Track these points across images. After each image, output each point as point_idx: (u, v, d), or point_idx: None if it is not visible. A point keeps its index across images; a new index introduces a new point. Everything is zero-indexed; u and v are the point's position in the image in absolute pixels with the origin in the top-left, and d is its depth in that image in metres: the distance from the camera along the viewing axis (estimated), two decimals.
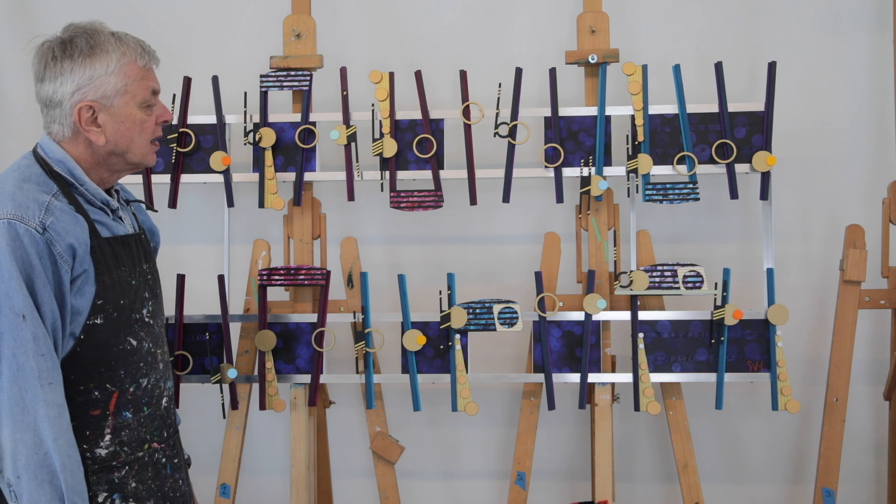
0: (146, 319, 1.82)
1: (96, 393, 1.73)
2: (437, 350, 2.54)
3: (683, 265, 2.51)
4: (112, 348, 1.74)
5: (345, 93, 2.57)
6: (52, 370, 1.62)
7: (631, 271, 2.50)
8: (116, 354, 1.75)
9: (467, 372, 2.53)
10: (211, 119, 2.58)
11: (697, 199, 2.51)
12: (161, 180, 2.57)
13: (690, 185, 2.51)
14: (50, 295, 1.63)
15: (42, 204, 1.66)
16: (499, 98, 2.53)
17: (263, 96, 2.57)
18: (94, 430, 1.73)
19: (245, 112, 2.57)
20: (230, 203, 2.59)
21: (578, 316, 2.53)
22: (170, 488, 1.86)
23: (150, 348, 1.82)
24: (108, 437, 1.74)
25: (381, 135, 2.55)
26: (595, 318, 2.52)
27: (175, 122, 2.57)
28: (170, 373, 1.92)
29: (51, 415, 1.61)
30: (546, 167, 2.55)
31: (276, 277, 2.55)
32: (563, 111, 2.55)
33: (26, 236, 1.62)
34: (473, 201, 2.56)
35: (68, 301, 1.67)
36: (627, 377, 2.52)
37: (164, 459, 1.85)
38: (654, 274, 2.50)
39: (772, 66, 2.50)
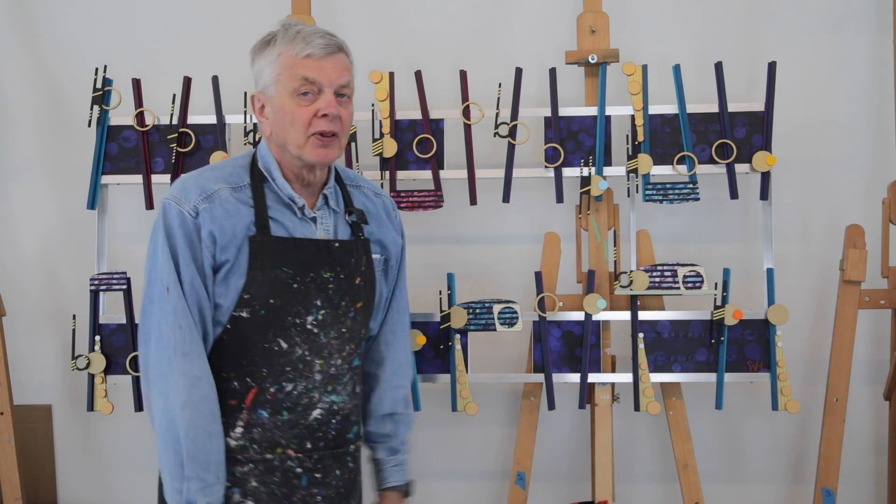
0: (308, 326, 1.77)
1: (235, 384, 1.75)
2: (437, 350, 2.54)
3: (683, 265, 2.50)
4: (257, 345, 1.74)
5: None
6: (190, 343, 1.69)
7: (631, 271, 2.50)
8: (260, 352, 1.75)
9: (467, 372, 2.53)
10: (211, 119, 2.58)
11: (697, 199, 2.52)
12: (161, 180, 2.57)
13: (690, 185, 2.51)
14: (193, 272, 1.71)
15: (206, 191, 1.74)
16: (499, 98, 2.53)
17: None
18: (229, 419, 1.76)
19: (245, 112, 2.57)
20: None
21: (578, 316, 2.53)
22: (300, 499, 1.79)
23: (303, 355, 1.77)
24: (239, 430, 1.76)
25: (381, 135, 2.55)
26: (595, 318, 2.52)
27: (175, 122, 2.58)
28: (341, 388, 1.82)
29: (181, 384, 1.67)
30: (546, 167, 2.55)
31: None
32: (563, 111, 2.55)
33: (178, 217, 1.72)
34: (473, 201, 2.56)
35: (209, 284, 1.72)
36: (627, 377, 2.52)
37: (298, 469, 1.79)
38: (654, 274, 2.50)
39: (772, 66, 2.50)
